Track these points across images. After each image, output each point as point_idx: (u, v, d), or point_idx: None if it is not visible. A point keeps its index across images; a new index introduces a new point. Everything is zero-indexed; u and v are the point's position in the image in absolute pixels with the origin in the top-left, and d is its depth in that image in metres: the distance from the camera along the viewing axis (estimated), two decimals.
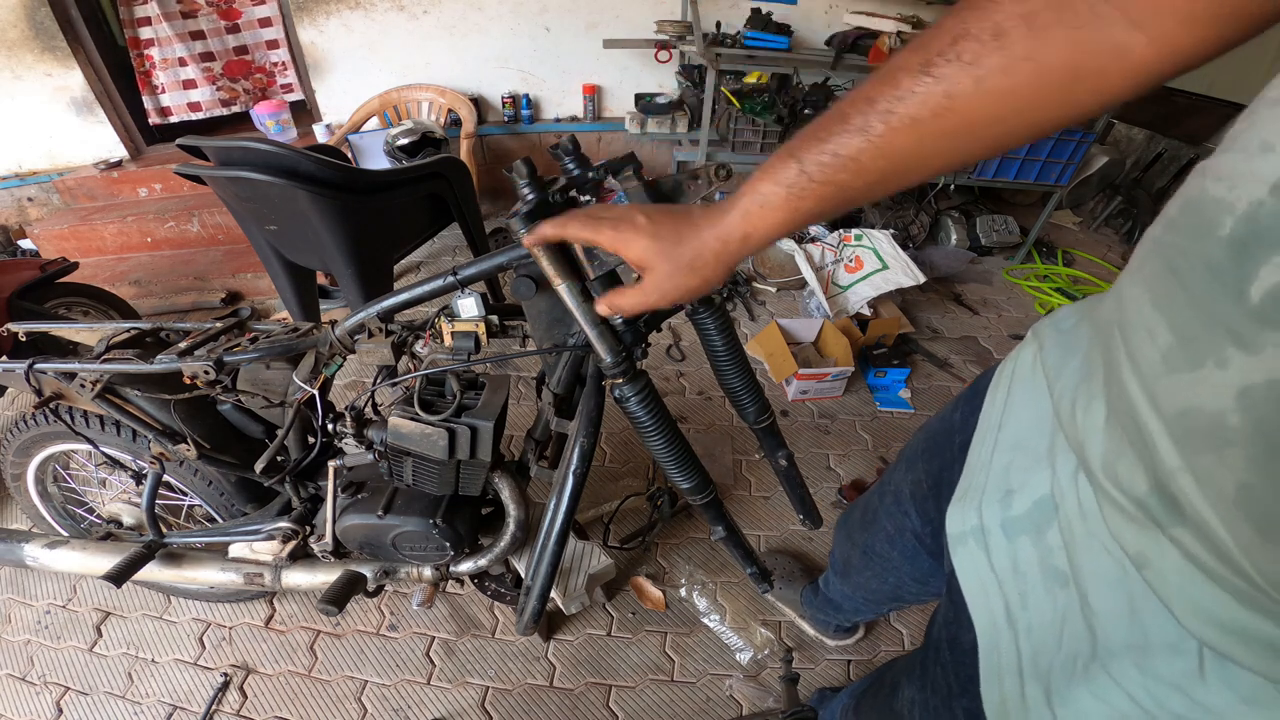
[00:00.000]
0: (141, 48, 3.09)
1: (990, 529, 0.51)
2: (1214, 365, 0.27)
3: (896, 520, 0.85)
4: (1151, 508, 0.33)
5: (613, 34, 3.27)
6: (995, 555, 0.49)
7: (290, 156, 1.64)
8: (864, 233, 2.76)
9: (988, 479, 0.53)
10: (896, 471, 0.87)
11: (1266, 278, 0.24)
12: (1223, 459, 0.27)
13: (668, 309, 0.79)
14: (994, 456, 0.54)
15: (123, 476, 1.33)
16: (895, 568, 0.93)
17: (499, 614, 1.56)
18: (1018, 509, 0.48)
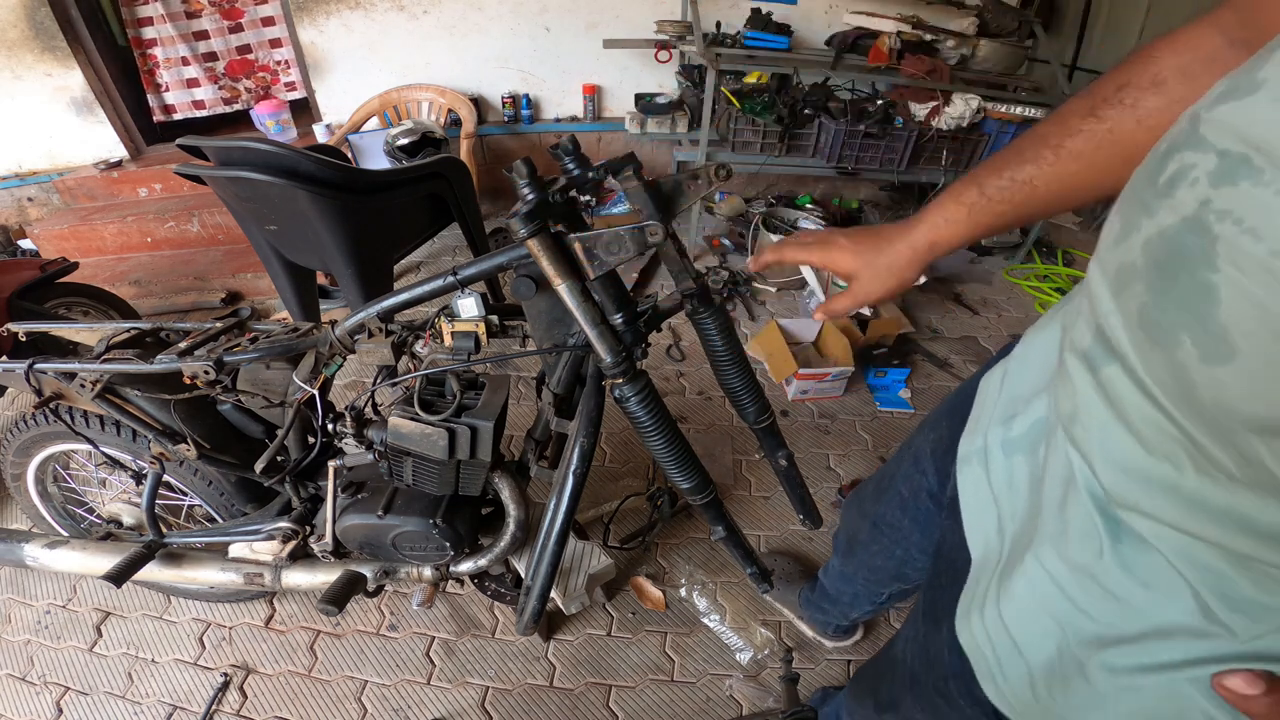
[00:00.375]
0: (144, 47, 3.12)
1: (991, 449, 0.57)
2: (1134, 231, 0.37)
3: (913, 482, 0.87)
4: (1093, 355, 0.40)
5: (613, 34, 3.27)
6: (994, 473, 0.55)
7: (290, 156, 1.64)
8: None
9: (995, 408, 0.60)
10: (917, 435, 0.90)
11: (1170, 168, 0.35)
12: (1132, 291, 0.36)
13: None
14: (1003, 388, 0.60)
15: (123, 476, 1.33)
16: (904, 537, 0.93)
17: (499, 614, 1.56)
18: (1017, 430, 0.54)
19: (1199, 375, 0.31)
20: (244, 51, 3.28)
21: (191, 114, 3.32)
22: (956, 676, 0.56)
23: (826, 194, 3.75)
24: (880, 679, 0.82)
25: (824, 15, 3.43)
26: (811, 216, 3.17)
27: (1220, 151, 0.32)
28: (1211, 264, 0.30)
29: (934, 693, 0.62)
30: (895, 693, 0.74)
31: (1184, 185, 0.33)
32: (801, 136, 2.98)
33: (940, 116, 2.86)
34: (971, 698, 0.54)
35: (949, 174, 2.98)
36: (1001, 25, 3.15)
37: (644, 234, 0.76)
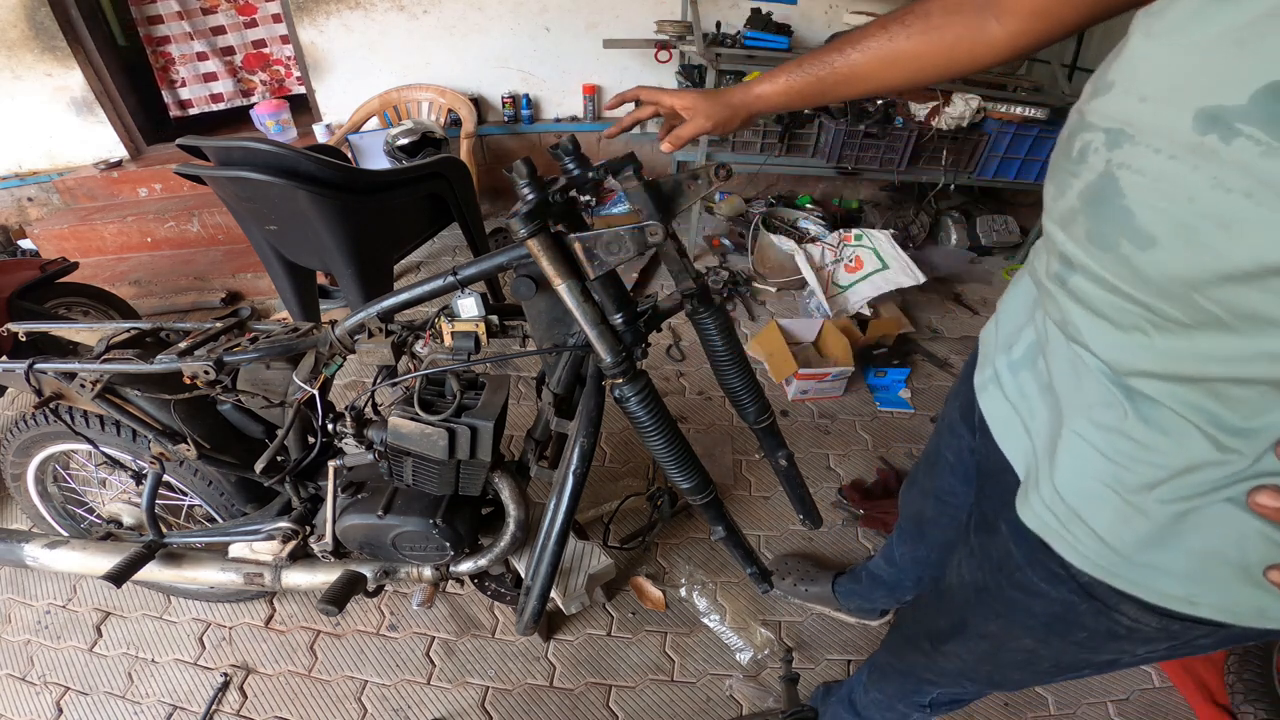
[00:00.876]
0: (156, 45, 3.19)
1: (1001, 372, 0.68)
2: (1068, 189, 0.51)
3: (954, 447, 0.93)
4: (1061, 274, 0.52)
5: (613, 34, 3.27)
6: (1007, 389, 0.67)
7: (290, 156, 1.64)
8: (864, 233, 2.76)
9: (996, 344, 0.72)
10: (946, 408, 0.98)
11: (1077, 146, 0.49)
12: (1078, 224, 0.49)
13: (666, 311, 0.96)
14: (998, 330, 0.73)
15: (123, 476, 1.33)
16: (963, 501, 0.96)
17: (499, 614, 1.56)
18: (1017, 354, 0.66)
19: (1139, 260, 0.44)
20: (259, 46, 3.39)
21: (208, 108, 3.42)
22: (1030, 563, 0.61)
23: (826, 194, 3.75)
24: (931, 617, 0.85)
25: (824, 15, 3.43)
26: (811, 216, 3.17)
27: (1105, 130, 0.47)
28: (1123, 195, 0.44)
29: (1010, 588, 0.64)
30: (956, 618, 0.76)
31: (1091, 154, 0.47)
32: (801, 136, 2.98)
33: (940, 116, 2.86)
34: (1052, 576, 0.59)
35: (949, 174, 2.98)
36: None
37: (644, 234, 0.76)
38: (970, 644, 0.76)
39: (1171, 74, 0.42)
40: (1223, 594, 0.49)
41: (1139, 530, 0.50)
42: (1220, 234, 0.39)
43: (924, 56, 0.75)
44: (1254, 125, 0.36)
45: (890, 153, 2.91)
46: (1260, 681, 1.38)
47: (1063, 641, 0.63)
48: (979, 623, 0.72)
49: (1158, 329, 0.44)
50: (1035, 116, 2.84)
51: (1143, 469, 0.49)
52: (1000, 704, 1.44)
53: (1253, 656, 1.42)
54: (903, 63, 0.77)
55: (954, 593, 0.77)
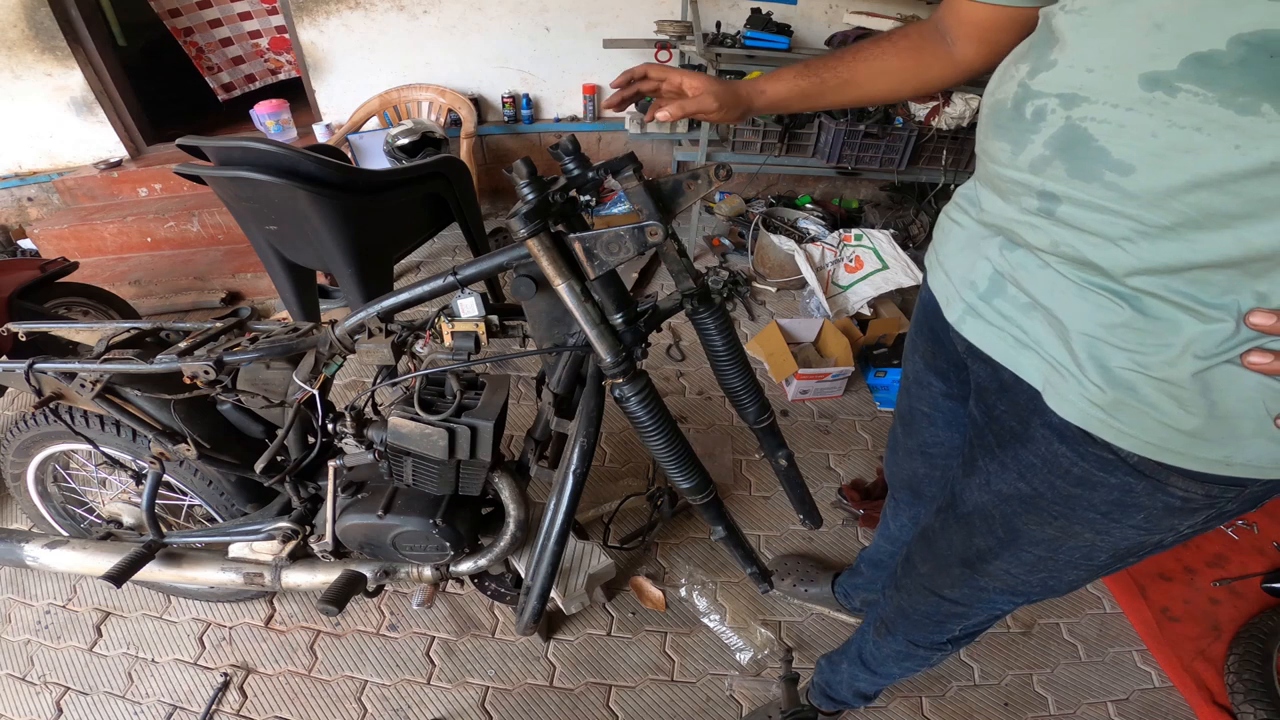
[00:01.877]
0: (183, 36, 3.34)
1: (974, 304, 0.73)
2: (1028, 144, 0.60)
3: (926, 397, 0.97)
4: (1044, 207, 0.60)
5: (613, 34, 3.27)
6: (987, 316, 0.72)
7: (290, 156, 1.64)
8: (864, 233, 2.76)
9: (954, 285, 0.77)
10: (906, 366, 1.03)
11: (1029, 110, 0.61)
12: (1054, 168, 0.58)
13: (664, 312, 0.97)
14: (950, 275, 0.79)
15: (123, 476, 1.33)
16: (950, 448, 0.99)
17: (499, 614, 1.56)
18: (981, 286, 0.72)
19: (1124, 184, 0.53)
20: (281, 30, 3.55)
21: (248, 88, 3.60)
22: (1082, 455, 0.64)
23: (826, 194, 3.75)
24: (959, 544, 0.85)
25: (824, 15, 3.43)
26: (811, 216, 3.17)
27: (1058, 95, 0.57)
28: (1094, 140, 0.54)
29: (1066, 485, 0.67)
30: (1000, 534, 0.78)
31: (1049, 115, 0.58)
32: (801, 136, 2.98)
33: (940, 116, 2.86)
34: (1105, 463, 0.63)
35: (949, 174, 2.98)
36: None
37: (644, 234, 0.76)
38: (1022, 555, 0.77)
39: (1111, 51, 0.54)
40: (1249, 450, 0.56)
41: (1173, 404, 0.56)
42: (1185, 157, 0.49)
43: (905, 71, 0.88)
44: (1189, 83, 0.48)
45: (890, 153, 2.91)
46: (1260, 681, 1.38)
47: (1121, 527, 0.67)
48: (1032, 530, 0.74)
49: (1143, 235, 0.53)
50: None
51: (1155, 350, 0.56)
52: (1000, 704, 1.44)
53: (1253, 656, 1.42)
54: (889, 75, 0.89)
55: (988, 510, 0.78)
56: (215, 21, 3.45)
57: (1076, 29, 0.57)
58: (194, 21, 3.36)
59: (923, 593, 0.96)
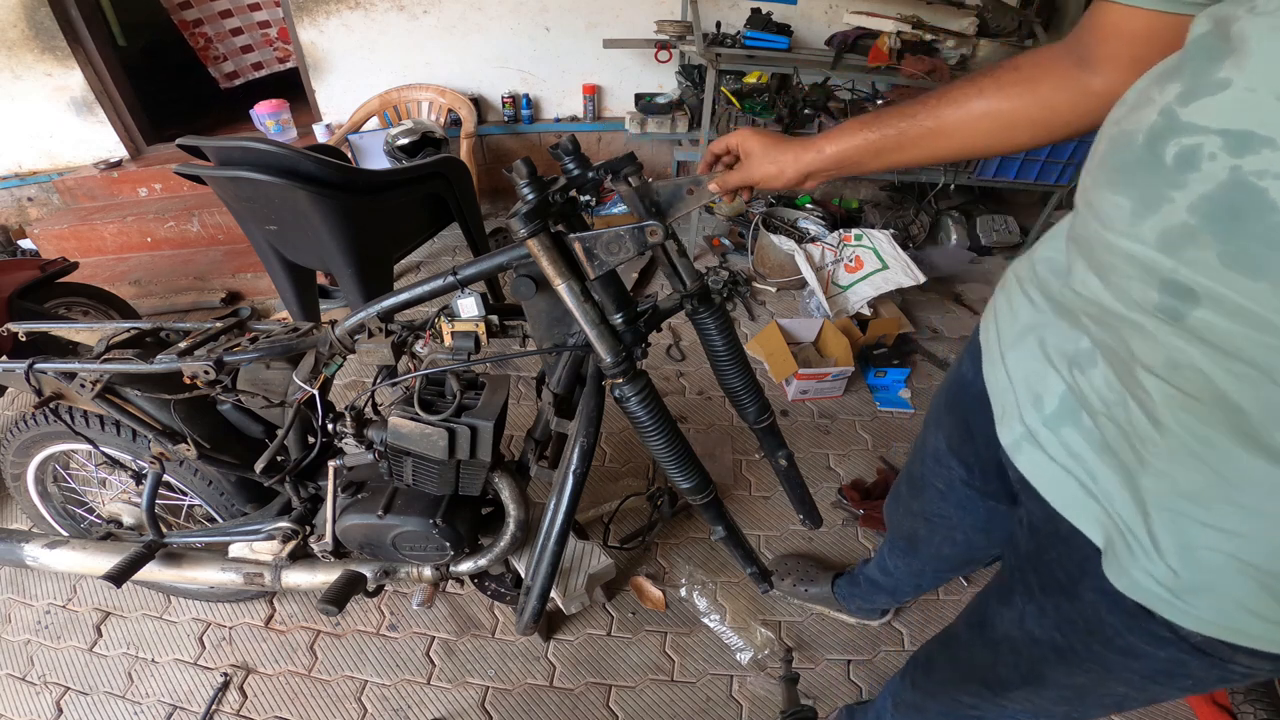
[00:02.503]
0: (191, 28, 3.47)
1: (1036, 429, 0.61)
2: (1164, 204, 0.43)
3: (943, 476, 0.90)
4: (1170, 307, 0.44)
5: (613, 34, 3.27)
6: (1049, 448, 0.60)
7: (290, 156, 1.64)
8: (864, 233, 2.76)
9: (1016, 394, 0.64)
10: (927, 435, 0.95)
11: (1170, 152, 0.43)
12: (1199, 245, 0.41)
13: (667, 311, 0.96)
14: (1012, 376, 0.65)
15: (123, 476, 1.33)
16: (958, 524, 0.95)
17: (499, 614, 1.56)
18: (1049, 408, 0.59)
19: None
20: None
21: (252, 75, 3.74)
22: (1130, 629, 0.57)
23: (826, 194, 3.75)
24: (982, 664, 0.80)
25: (824, 15, 3.43)
26: (811, 216, 3.17)
27: (1220, 131, 0.40)
28: (1275, 207, 0.37)
29: (1106, 651, 0.61)
30: (1026, 670, 0.73)
31: (1205, 161, 0.41)
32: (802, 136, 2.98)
33: None
34: (1158, 640, 0.55)
35: (949, 174, 2.98)
36: (1001, 25, 3.15)
37: (644, 234, 0.76)
38: (1048, 693, 0.72)
39: None
40: None
41: (1269, 596, 0.46)
42: None
43: (1017, 113, 0.67)
44: None
45: None
46: (1260, 681, 1.38)
47: (1164, 689, 0.61)
48: (1060, 677, 0.69)
49: None
50: None
51: (1270, 538, 0.44)
52: None
53: None
54: (994, 119, 0.68)
55: (1017, 645, 0.72)
56: (226, 12, 3.57)
57: (1272, 36, 0.39)
58: (205, 13, 3.47)
59: (943, 694, 0.92)
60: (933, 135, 0.72)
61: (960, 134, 0.71)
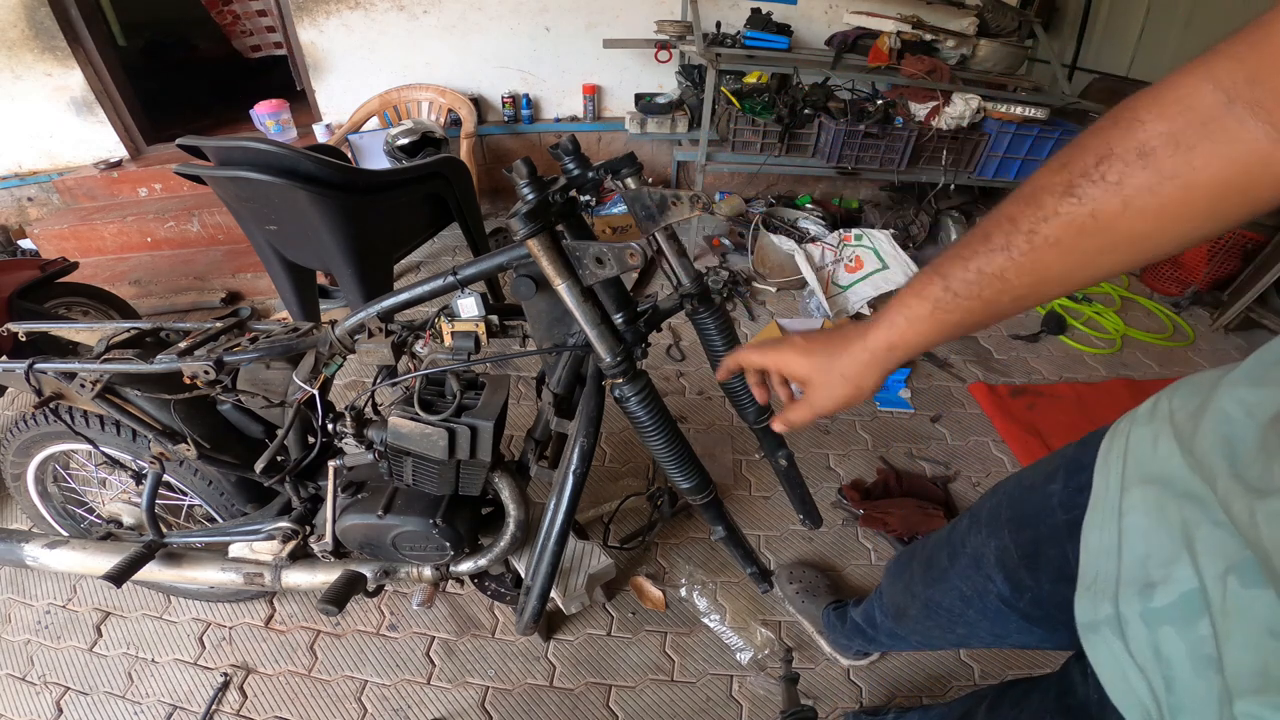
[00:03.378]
0: (219, 6, 3.73)
1: (1128, 618, 0.50)
2: None
3: (975, 583, 0.79)
4: None
5: (613, 34, 3.27)
6: (1134, 643, 0.50)
7: (290, 156, 1.64)
8: (864, 233, 2.76)
9: (1120, 569, 0.53)
10: (971, 534, 0.81)
11: None
12: None
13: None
14: (1123, 546, 0.53)
15: (123, 476, 1.33)
16: (969, 622, 0.85)
17: (499, 614, 1.56)
18: (1160, 601, 0.48)
19: None
20: None
21: (273, 51, 3.88)
22: None
23: (826, 194, 3.75)
24: None
25: (824, 15, 3.43)
26: (811, 216, 3.17)
27: None
28: None
29: None
30: None
31: None
32: (801, 136, 2.99)
33: (940, 116, 2.87)
34: None
35: (949, 174, 2.98)
36: (1001, 25, 3.15)
37: (624, 255, 0.76)
38: None
39: None
40: None
41: None
42: None
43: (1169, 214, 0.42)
44: None
45: (890, 153, 2.91)
46: None
47: None
48: None
49: None
50: (1035, 116, 2.84)
51: None
52: None
53: None
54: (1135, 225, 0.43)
55: None
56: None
57: None
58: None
59: None
60: (1041, 285, 0.48)
61: (1087, 264, 0.46)
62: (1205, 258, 2.84)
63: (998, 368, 2.49)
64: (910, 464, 2.02)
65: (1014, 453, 2.07)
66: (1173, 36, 3.40)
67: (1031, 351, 2.61)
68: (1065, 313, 2.76)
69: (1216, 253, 2.81)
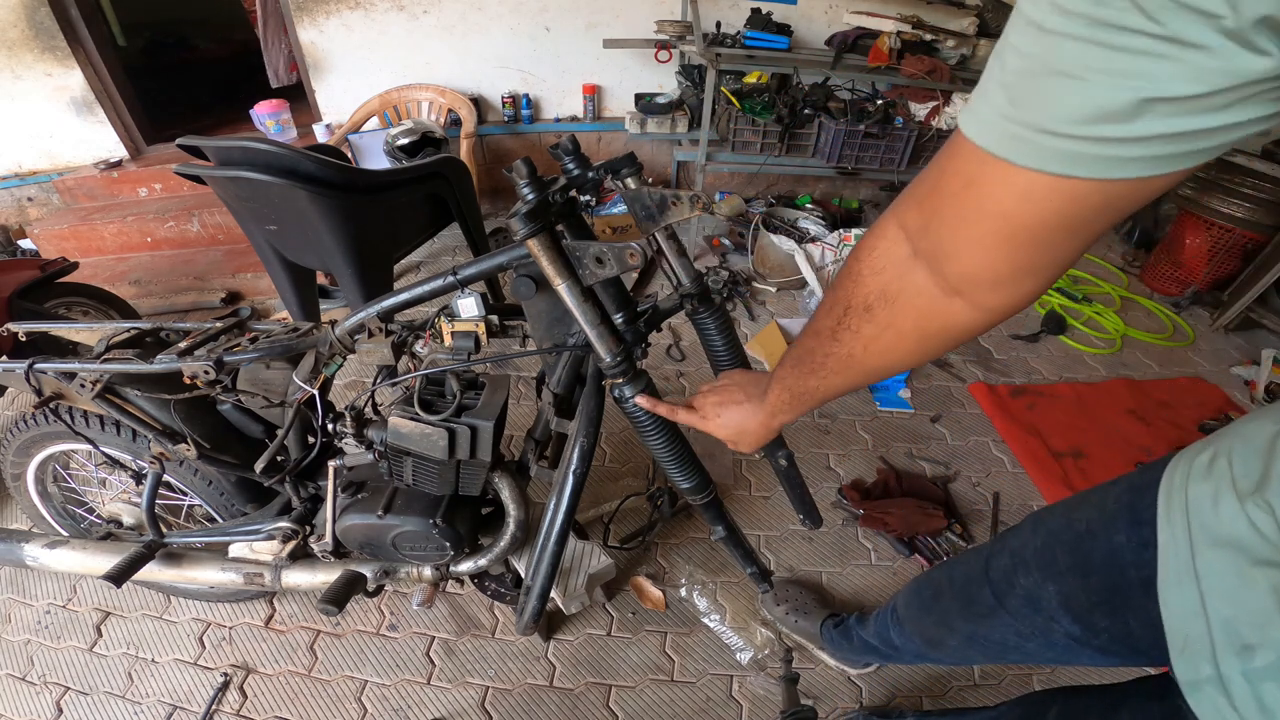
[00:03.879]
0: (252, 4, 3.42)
1: (1230, 678, 0.53)
2: None
3: (1035, 624, 0.79)
4: None
5: (613, 34, 3.27)
6: (1239, 699, 0.52)
7: (290, 156, 1.64)
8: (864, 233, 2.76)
9: (1210, 631, 0.55)
10: (1019, 575, 0.80)
11: None
12: None
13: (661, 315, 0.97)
14: (1208, 608, 0.55)
15: (123, 476, 1.33)
16: (1028, 653, 0.84)
17: (499, 614, 1.56)
18: (1262, 661, 0.50)
19: None
20: None
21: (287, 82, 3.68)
22: None
23: (826, 194, 3.75)
24: None
25: (824, 15, 3.43)
26: (811, 216, 3.17)
27: None
28: None
29: None
30: None
31: None
32: (801, 136, 2.99)
33: (940, 116, 2.87)
34: None
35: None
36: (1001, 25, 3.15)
37: (624, 255, 0.76)
38: None
39: None
40: None
41: None
42: None
43: (894, 351, 0.56)
44: None
45: (890, 153, 2.91)
46: None
47: None
48: None
49: None
50: None
51: None
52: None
53: None
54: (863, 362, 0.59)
55: None
56: None
57: None
58: None
59: None
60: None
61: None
62: (1205, 258, 2.84)
63: (998, 368, 2.49)
64: (910, 464, 2.02)
65: (1014, 453, 2.07)
66: None
67: (1031, 351, 2.61)
68: (1065, 313, 2.76)
69: (1217, 253, 2.81)
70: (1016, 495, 1.93)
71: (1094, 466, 2.00)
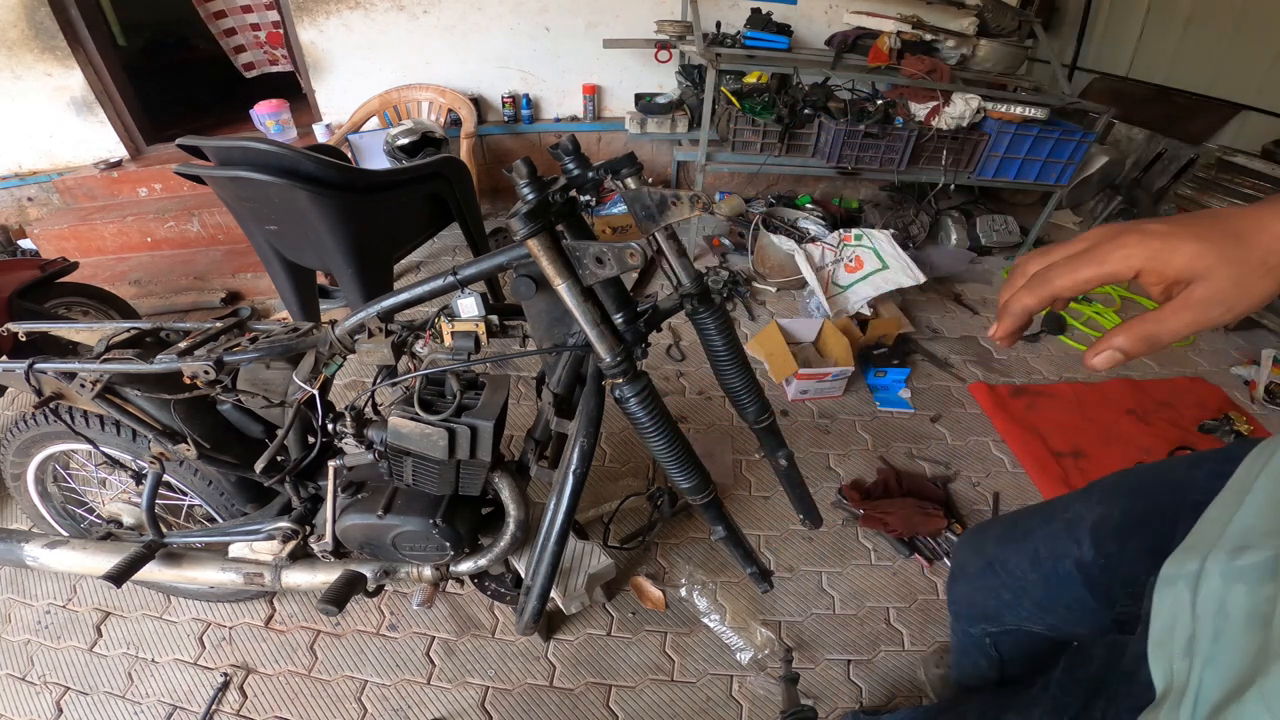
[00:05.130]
0: (216, 19, 3.55)
1: (1209, 573, 0.51)
2: None
3: (1058, 546, 0.81)
4: None
5: (613, 34, 3.27)
6: (1202, 595, 0.51)
7: (290, 156, 1.64)
8: (864, 233, 2.76)
9: (1223, 535, 0.54)
10: (1078, 502, 0.84)
11: None
12: None
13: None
14: (1236, 516, 0.55)
15: (123, 476, 1.33)
16: (1022, 587, 0.88)
17: (499, 614, 1.57)
18: (1244, 562, 0.50)
19: None
20: (278, 26, 3.61)
21: (268, 69, 3.81)
22: None
23: (826, 194, 3.75)
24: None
25: (824, 15, 3.43)
26: (811, 216, 3.17)
27: None
28: None
29: None
30: None
31: None
32: (801, 136, 2.98)
33: (940, 116, 2.86)
34: None
35: (949, 174, 2.98)
36: (1001, 25, 3.15)
37: (624, 255, 0.76)
38: None
39: None
40: None
41: None
42: None
43: None
44: None
45: (890, 153, 2.91)
46: None
47: None
48: None
49: None
50: (1035, 116, 2.84)
51: None
52: None
53: None
54: None
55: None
56: (246, 7, 3.58)
57: None
58: (227, 5, 3.53)
59: None
60: None
61: None
62: None
63: (998, 368, 2.49)
64: (910, 464, 2.02)
65: (1014, 453, 2.07)
66: (1172, 36, 3.41)
67: (1031, 351, 2.61)
68: (1065, 313, 2.76)
69: None
70: (1016, 495, 1.93)
71: (1094, 466, 2.00)
